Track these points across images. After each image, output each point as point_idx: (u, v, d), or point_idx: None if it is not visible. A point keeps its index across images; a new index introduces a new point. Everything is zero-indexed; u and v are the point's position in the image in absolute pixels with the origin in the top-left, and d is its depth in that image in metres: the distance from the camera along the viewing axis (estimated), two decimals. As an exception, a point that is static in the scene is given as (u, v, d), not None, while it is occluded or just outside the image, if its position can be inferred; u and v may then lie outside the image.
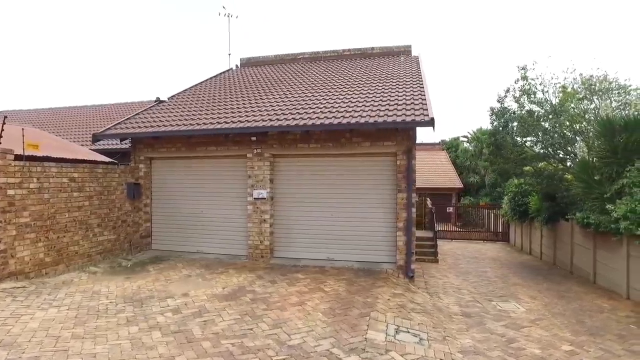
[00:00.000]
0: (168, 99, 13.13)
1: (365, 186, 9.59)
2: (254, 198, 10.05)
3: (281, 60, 17.07)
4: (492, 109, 15.08)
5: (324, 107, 9.91)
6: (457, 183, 31.72)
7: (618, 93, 14.16)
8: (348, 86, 11.49)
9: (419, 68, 12.64)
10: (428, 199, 21.84)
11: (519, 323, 7.41)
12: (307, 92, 11.51)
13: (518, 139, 15.56)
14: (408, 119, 8.33)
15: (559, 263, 14.63)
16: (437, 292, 9.47)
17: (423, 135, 79.57)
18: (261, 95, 11.81)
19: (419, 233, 17.00)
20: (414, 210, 8.93)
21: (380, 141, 9.15)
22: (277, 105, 10.66)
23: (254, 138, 9.87)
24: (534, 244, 17.64)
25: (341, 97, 10.59)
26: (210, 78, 15.51)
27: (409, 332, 6.00)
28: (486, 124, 37.55)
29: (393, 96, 10.04)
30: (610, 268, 10.72)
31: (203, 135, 10.31)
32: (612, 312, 8.46)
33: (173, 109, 11.85)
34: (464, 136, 40.73)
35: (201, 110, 11.17)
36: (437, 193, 30.55)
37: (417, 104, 9.10)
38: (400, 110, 8.91)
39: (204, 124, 10.04)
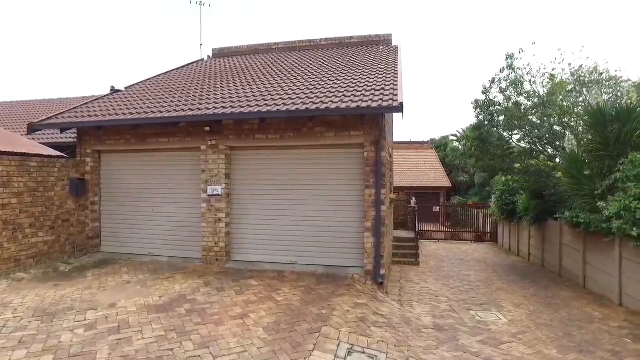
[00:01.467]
0: (125, 88, 12.07)
1: (330, 181, 8.61)
2: (208, 195, 9.03)
3: (255, 50, 16.06)
4: (476, 101, 14.13)
5: (285, 93, 8.92)
6: (446, 182, 30.85)
7: (609, 85, 13.33)
8: (316, 74, 10.50)
9: (396, 56, 11.69)
10: (413, 197, 20.93)
11: (499, 338, 6.45)
12: (271, 80, 10.51)
13: (505, 133, 14.68)
14: (374, 104, 7.36)
15: (547, 265, 13.76)
16: (410, 300, 8.50)
17: (411, 133, 78.93)
18: (222, 84, 10.80)
19: (401, 233, 16.10)
20: (383, 208, 7.95)
21: (346, 131, 8.17)
22: (236, 93, 9.65)
23: (207, 128, 8.84)
24: (522, 244, 16.79)
25: (306, 84, 9.60)
26: (177, 69, 14.47)
27: (364, 352, 5.01)
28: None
29: (362, 83, 9.08)
30: (601, 271, 9.83)
31: (153, 126, 9.29)
32: (603, 322, 7.55)
33: (127, 98, 10.80)
34: (453, 135, 39.83)
35: (154, 100, 10.12)
36: (425, 192, 29.71)
37: (388, 90, 8.14)
38: (368, 96, 7.95)
39: (152, 112, 8.99)
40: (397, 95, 7.58)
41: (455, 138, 39.86)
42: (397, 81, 8.58)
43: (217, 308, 6.23)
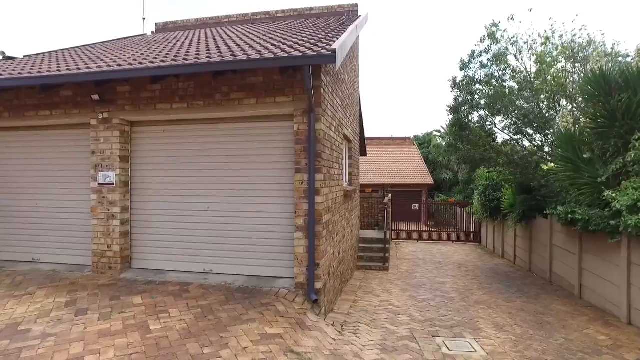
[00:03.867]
0: (24, 56, 9.87)
1: (254, 165, 6.55)
2: (99, 184, 6.89)
3: (203, 24, 13.96)
4: (453, 79, 12.14)
5: (197, 53, 6.82)
6: (428, 179, 28.99)
7: (606, 62, 11.47)
8: (253, 39, 8.41)
9: (354, 19, 9.67)
10: (389, 194, 18.98)
11: (469, 384, 4.42)
12: (194, 44, 8.41)
13: (488, 120, 12.74)
14: (296, 53, 5.30)
15: (536, 269, 11.85)
16: (359, 321, 6.44)
17: (394, 130, 77.28)
18: (133, 51, 8.70)
19: (371, 234, 14.10)
20: (319, 199, 5.90)
21: (270, 96, 6.09)
22: (140, 55, 7.56)
23: (95, 96, 6.72)
24: (507, 245, 14.88)
25: (232, 44, 7.52)
26: (105, 41, 12.30)
27: None
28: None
29: (298, 39, 7.06)
30: (603, 280, 7.92)
31: (30, 95, 7.16)
32: (615, 353, 5.56)
33: (12, 65, 8.57)
34: (437, 130, 38.07)
35: (42, 66, 7.94)
36: (406, 190, 27.93)
37: (324, 42, 6.11)
38: (296, 48, 5.90)
39: (19, 73, 6.82)
40: (332, 45, 5.53)
41: (439, 134, 38.13)
42: (340, 35, 6.55)
43: (46, 346, 4.12)
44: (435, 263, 13.68)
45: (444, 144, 35.44)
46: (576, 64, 11.48)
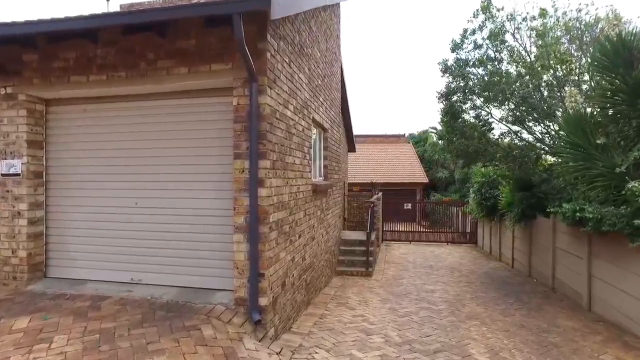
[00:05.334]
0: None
1: (187, 151, 5.31)
2: (2, 174, 5.62)
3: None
4: (444, 62, 10.84)
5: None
6: (422, 178, 27.79)
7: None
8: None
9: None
10: (378, 192, 17.73)
11: None
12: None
13: (484, 111, 11.50)
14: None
15: (536, 274, 10.63)
16: (317, 346, 5.17)
17: (388, 127, 76.16)
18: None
19: (355, 235, 12.80)
20: (262, 192, 4.64)
21: (204, 64, 4.83)
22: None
23: (-6, 66, 5.44)
24: (504, 247, 13.67)
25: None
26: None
27: None
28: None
29: None
30: (618, 291, 6.67)
31: None
32: (640, 390, 4.30)
33: None
34: (433, 128, 36.79)
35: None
36: (399, 188, 26.70)
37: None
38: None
39: None
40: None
41: (434, 131, 36.91)
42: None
43: None
44: (426, 267, 12.46)
45: (440, 141, 34.28)
46: (583, 47, 10.23)
